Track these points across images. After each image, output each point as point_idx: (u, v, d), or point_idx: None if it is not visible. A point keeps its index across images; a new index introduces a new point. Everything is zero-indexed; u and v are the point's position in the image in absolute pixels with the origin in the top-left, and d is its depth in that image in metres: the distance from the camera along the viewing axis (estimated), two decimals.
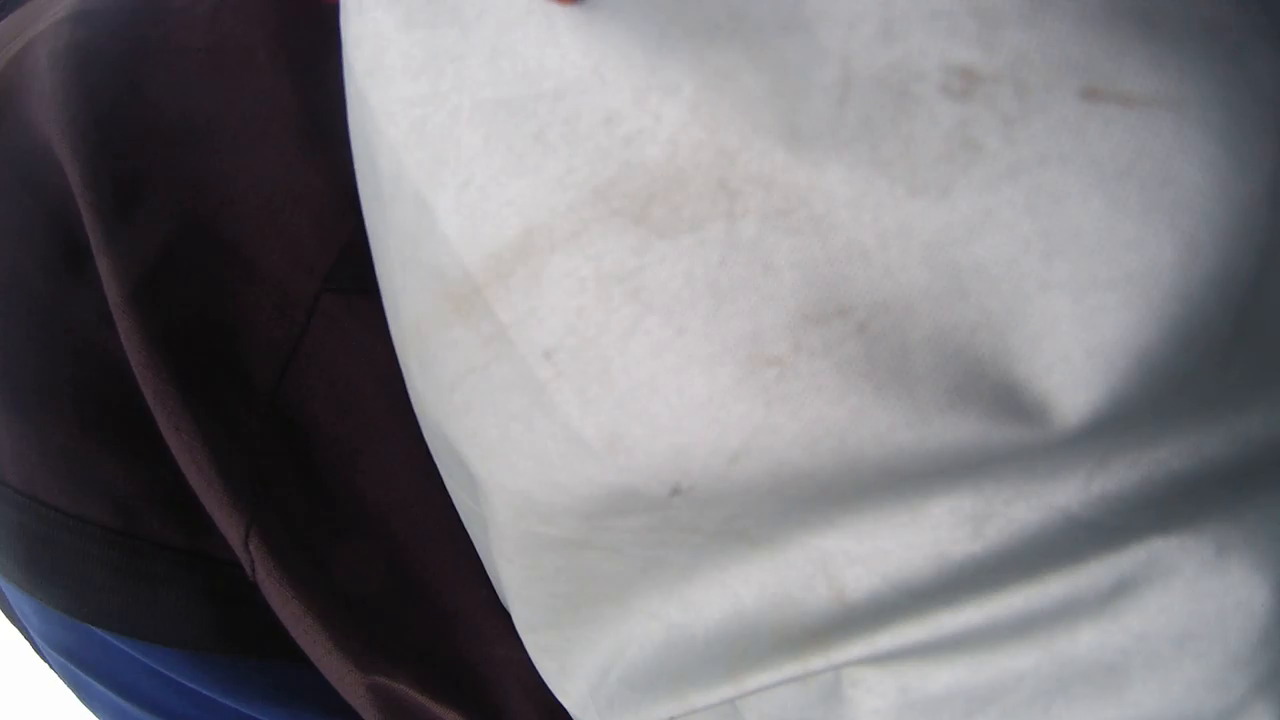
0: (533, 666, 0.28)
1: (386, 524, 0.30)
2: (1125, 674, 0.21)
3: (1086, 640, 0.21)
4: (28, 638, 0.36)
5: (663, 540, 0.23)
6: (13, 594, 0.32)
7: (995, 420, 0.20)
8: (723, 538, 0.22)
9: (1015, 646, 0.21)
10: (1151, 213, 0.18)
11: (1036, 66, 0.19)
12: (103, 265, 0.29)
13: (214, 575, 0.30)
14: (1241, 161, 0.19)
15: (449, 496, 0.29)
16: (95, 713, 0.34)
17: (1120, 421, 0.19)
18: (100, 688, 0.32)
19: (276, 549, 0.29)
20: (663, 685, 0.24)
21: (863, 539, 0.21)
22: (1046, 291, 0.19)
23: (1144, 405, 0.19)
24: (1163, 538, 0.20)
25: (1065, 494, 0.20)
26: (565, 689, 0.27)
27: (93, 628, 0.30)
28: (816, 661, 0.22)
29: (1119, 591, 0.21)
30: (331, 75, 0.26)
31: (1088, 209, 0.19)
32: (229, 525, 0.29)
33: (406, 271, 0.24)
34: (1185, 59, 0.19)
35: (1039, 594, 0.21)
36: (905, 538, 0.21)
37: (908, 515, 0.21)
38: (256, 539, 0.29)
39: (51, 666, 0.34)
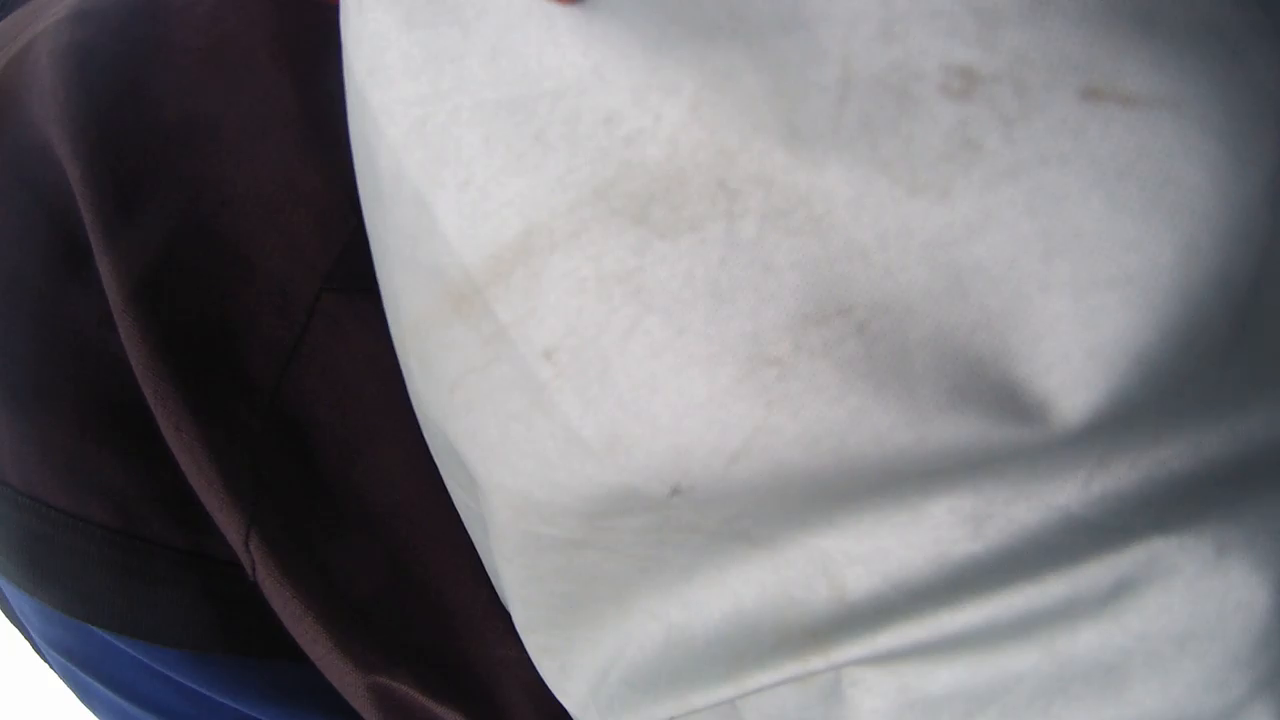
0: (533, 666, 0.28)
1: (387, 524, 0.30)
2: (1125, 674, 0.21)
3: (1086, 640, 0.21)
4: (28, 638, 0.36)
5: (663, 540, 0.23)
6: (13, 594, 0.32)
7: (995, 420, 0.20)
8: (723, 538, 0.22)
9: (1015, 646, 0.21)
10: (1151, 213, 0.18)
11: (1036, 66, 0.19)
12: (103, 265, 0.29)
13: (214, 575, 0.30)
14: (1241, 161, 0.19)
15: (449, 496, 0.29)
16: (95, 713, 0.34)
17: (1120, 421, 0.19)
18: (100, 688, 0.32)
19: (276, 549, 0.29)
20: (663, 685, 0.24)
21: (863, 539, 0.21)
22: (1046, 291, 0.19)
23: (1144, 405, 0.19)
24: (1163, 538, 0.20)
25: (1065, 494, 0.20)
26: (565, 689, 0.27)
27: (93, 628, 0.30)
28: (816, 661, 0.22)
29: (1119, 591, 0.21)
30: (331, 75, 0.26)
31: (1088, 209, 0.19)
32: (229, 525, 0.29)
33: (406, 271, 0.24)
34: (1185, 59, 0.19)
35: (1039, 594, 0.21)
36: (905, 537, 0.21)
37: (908, 515, 0.21)
38: (256, 539, 0.29)
39: (51, 666, 0.34)
